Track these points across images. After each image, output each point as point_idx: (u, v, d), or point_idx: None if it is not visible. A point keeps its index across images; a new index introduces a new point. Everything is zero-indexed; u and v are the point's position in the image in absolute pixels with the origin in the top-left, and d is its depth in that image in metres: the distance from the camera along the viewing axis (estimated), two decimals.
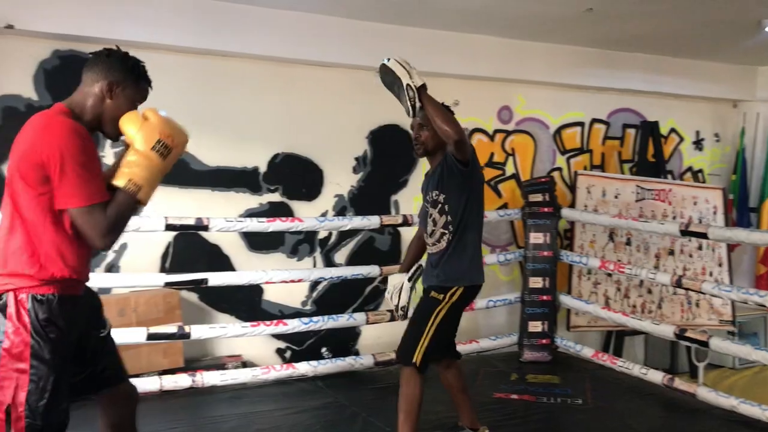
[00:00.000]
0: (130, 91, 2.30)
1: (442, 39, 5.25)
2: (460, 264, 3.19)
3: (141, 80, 2.36)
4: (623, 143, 6.35)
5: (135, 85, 2.32)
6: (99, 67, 2.29)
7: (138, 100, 2.34)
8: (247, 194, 4.88)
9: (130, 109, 2.29)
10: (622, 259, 5.60)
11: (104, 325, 2.38)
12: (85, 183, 2.07)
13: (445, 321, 3.14)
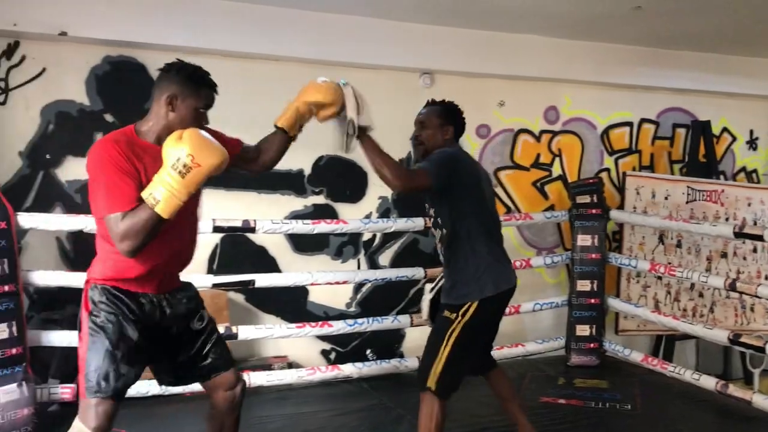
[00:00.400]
0: (191, 101, 2.43)
1: (487, 39, 5.21)
2: (464, 278, 2.88)
3: (201, 87, 2.47)
4: (673, 143, 6.21)
5: (195, 93, 2.44)
6: (161, 83, 2.45)
7: (202, 107, 2.47)
8: (292, 196, 4.93)
9: (195, 117, 2.43)
10: (673, 262, 5.47)
11: (200, 319, 2.62)
12: (105, 195, 2.28)
13: (461, 342, 2.83)
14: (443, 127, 3.08)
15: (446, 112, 3.13)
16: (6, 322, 3.35)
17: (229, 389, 2.63)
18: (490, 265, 2.89)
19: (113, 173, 2.28)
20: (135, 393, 3.72)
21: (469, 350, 2.89)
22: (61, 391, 3.67)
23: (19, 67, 4.23)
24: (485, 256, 2.89)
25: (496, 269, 2.91)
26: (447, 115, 3.12)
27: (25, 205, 4.22)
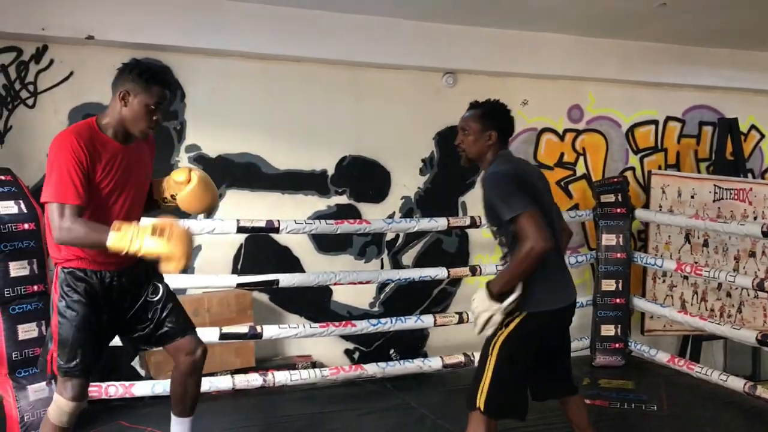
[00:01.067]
0: (142, 97, 2.58)
1: (509, 38, 5.19)
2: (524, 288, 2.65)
3: (151, 85, 2.59)
4: (700, 141, 6.13)
5: (146, 90, 2.58)
6: (117, 80, 2.64)
7: (153, 104, 2.60)
8: (316, 197, 4.95)
9: (145, 113, 2.59)
10: (699, 261, 5.41)
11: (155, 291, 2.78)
12: (56, 183, 2.46)
13: (506, 354, 2.61)
14: (484, 133, 2.83)
15: (486, 115, 2.86)
16: (35, 321, 3.41)
17: (188, 354, 2.80)
18: (544, 280, 2.65)
19: (70, 165, 2.46)
20: (162, 391, 3.78)
21: (517, 365, 2.65)
22: (90, 389, 3.72)
23: (48, 71, 4.30)
24: (540, 271, 2.60)
25: (550, 286, 2.69)
26: (488, 118, 2.85)
27: None
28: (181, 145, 4.63)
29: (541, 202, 2.71)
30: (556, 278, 2.74)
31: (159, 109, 2.63)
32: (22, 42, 4.23)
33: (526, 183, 2.69)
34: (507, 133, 2.92)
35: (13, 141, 4.24)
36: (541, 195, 2.77)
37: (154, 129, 2.68)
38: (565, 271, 2.83)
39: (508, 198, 2.58)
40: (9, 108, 4.25)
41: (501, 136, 2.87)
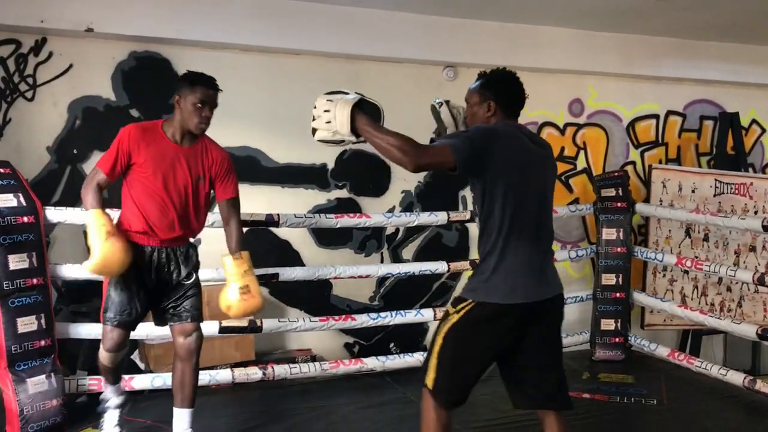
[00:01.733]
0: (189, 98, 3.02)
1: (511, 31, 5.18)
2: (480, 274, 2.51)
3: (195, 85, 3.03)
4: (700, 136, 6.12)
5: (191, 91, 3.02)
6: (175, 90, 3.08)
7: (199, 102, 3.02)
8: (316, 191, 4.94)
9: (196, 112, 3.02)
10: (700, 256, 5.40)
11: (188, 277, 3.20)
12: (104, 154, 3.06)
13: (451, 339, 2.49)
14: (482, 104, 2.62)
15: (485, 84, 2.64)
16: (35, 314, 3.40)
17: (185, 336, 3.14)
18: (504, 272, 2.46)
19: (114, 145, 3.00)
20: (162, 384, 3.78)
21: (462, 353, 2.50)
22: (89, 382, 3.72)
23: (47, 64, 4.29)
24: (499, 261, 2.47)
25: (507, 278, 2.47)
26: (486, 87, 2.63)
27: (53, 199, 4.28)
28: None
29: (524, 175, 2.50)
30: (519, 272, 2.48)
31: (206, 106, 3.04)
32: (21, 34, 4.21)
33: (505, 144, 2.46)
34: (511, 104, 2.65)
35: (12, 134, 4.23)
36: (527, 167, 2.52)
37: (206, 124, 3.09)
38: (535, 267, 2.53)
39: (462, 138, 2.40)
40: (8, 101, 4.24)
41: (502, 107, 2.61)
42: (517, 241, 2.47)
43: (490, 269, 2.47)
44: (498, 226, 2.47)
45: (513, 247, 2.47)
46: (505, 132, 2.52)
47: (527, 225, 2.51)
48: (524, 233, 2.49)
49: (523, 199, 2.50)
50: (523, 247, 2.49)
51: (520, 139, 2.56)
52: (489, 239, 2.49)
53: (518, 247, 2.47)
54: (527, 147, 2.56)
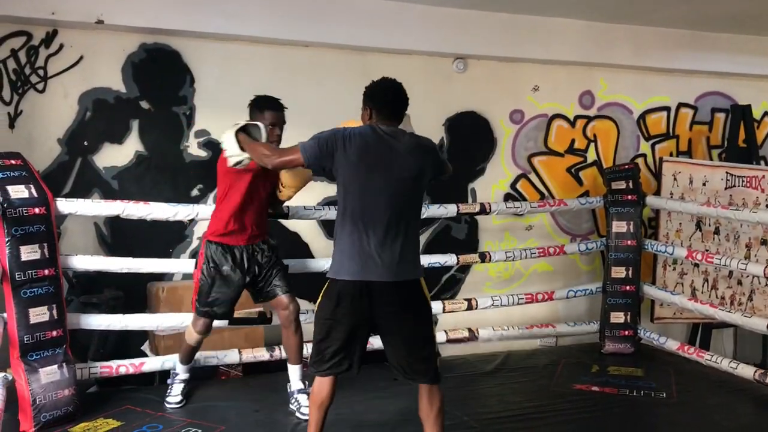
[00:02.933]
0: (263, 120, 3.37)
1: (521, 23, 5.15)
2: (333, 256, 2.91)
3: (264, 110, 3.46)
4: (712, 128, 6.09)
5: (261, 115, 3.44)
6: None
7: (270, 124, 3.41)
8: (325, 183, 4.93)
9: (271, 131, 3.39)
10: (711, 249, 5.38)
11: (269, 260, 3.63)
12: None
13: (316, 314, 2.93)
14: (363, 113, 3.02)
15: (364, 96, 3.03)
16: (46, 305, 3.42)
17: (284, 309, 3.60)
18: (342, 252, 2.84)
19: None
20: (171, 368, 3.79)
21: (319, 324, 2.89)
22: (101, 371, 3.75)
23: (57, 56, 4.31)
24: (344, 243, 2.83)
25: (344, 258, 2.82)
26: (364, 98, 3.03)
27: (64, 191, 4.30)
28: (191, 131, 4.63)
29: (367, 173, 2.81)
30: (355, 252, 2.79)
31: (275, 127, 3.44)
32: (32, 26, 4.23)
33: (350, 144, 2.83)
34: (384, 110, 2.97)
35: (24, 126, 4.26)
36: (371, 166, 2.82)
37: (278, 142, 3.44)
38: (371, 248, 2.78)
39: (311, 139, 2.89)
40: (19, 93, 4.26)
41: (377, 113, 2.95)
42: (354, 230, 2.80)
43: (340, 250, 2.85)
44: (341, 213, 2.87)
45: (348, 232, 2.82)
46: (355, 133, 2.87)
47: (368, 217, 2.80)
48: (359, 224, 2.80)
49: (369, 193, 2.82)
50: (360, 236, 2.80)
51: (372, 140, 2.87)
52: (337, 226, 2.90)
53: (355, 235, 2.80)
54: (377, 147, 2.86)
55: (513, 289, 5.22)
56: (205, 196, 4.66)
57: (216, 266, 3.51)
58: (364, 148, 2.84)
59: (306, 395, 3.52)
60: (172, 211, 3.83)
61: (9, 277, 3.31)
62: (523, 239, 5.46)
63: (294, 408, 3.62)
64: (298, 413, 3.58)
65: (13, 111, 4.24)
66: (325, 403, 2.93)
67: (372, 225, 2.80)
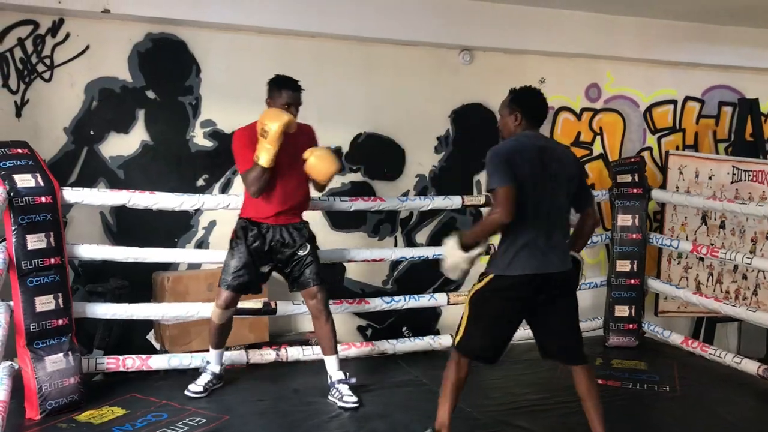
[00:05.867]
0: (279, 100, 3.54)
1: (527, 15, 5.13)
2: (496, 255, 3.07)
3: (282, 89, 3.54)
4: (719, 122, 6.06)
5: (279, 95, 3.55)
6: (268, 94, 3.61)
7: (287, 103, 3.53)
8: None
9: (284, 110, 3.46)
10: (716, 243, 5.37)
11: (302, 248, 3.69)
12: (237, 161, 3.62)
13: (474, 305, 3.03)
14: (511, 115, 3.11)
15: (511, 99, 3.13)
16: (52, 293, 3.43)
17: (312, 298, 3.69)
18: (519, 249, 2.95)
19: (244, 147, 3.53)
20: (178, 365, 3.82)
21: (483, 316, 3.02)
22: (107, 361, 3.77)
23: (64, 45, 4.31)
24: (517, 240, 2.96)
25: (518, 257, 2.95)
26: (512, 101, 3.13)
27: (70, 180, 4.31)
28: (197, 121, 4.63)
29: (532, 182, 2.94)
30: (528, 251, 2.95)
31: (291, 107, 3.52)
32: (39, 15, 4.23)
33: (518, 159, 2.95)
34: (534, 114, 3.12)
35: (30, 115, 4.26)
36: (533, 176, 2.95)
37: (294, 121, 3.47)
38: (542, 246, 2.98)
39: (492, 172, 2.93)
40: (26, 82, 4.26)
41: (526, 116, 3.08)
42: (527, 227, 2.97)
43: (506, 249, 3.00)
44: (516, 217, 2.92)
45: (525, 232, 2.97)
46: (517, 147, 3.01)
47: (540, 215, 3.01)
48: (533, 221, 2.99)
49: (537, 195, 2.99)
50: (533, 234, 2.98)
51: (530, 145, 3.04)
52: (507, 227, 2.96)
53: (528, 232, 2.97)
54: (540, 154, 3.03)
55: None
56: (211, 186, 4.66)
57: (238, 239, 3.63)
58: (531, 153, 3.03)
59: (347, 385, 3.68)
60: (178, 201, 3.85)
61: (15, 266, 3.32)
62: None
63: (335, 399, 3.66)
64: (340, 402, 3.63)
65: (19, 100, 4.25)
66: (462, 385, 3.10)
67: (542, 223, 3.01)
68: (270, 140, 3.36)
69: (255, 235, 3.62)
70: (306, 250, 3.71)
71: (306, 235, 3.74)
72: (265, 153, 3.38)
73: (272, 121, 3.36)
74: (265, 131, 3.36)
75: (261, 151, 3.39)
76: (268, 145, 3.37)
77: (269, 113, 3.42)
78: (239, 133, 3.63)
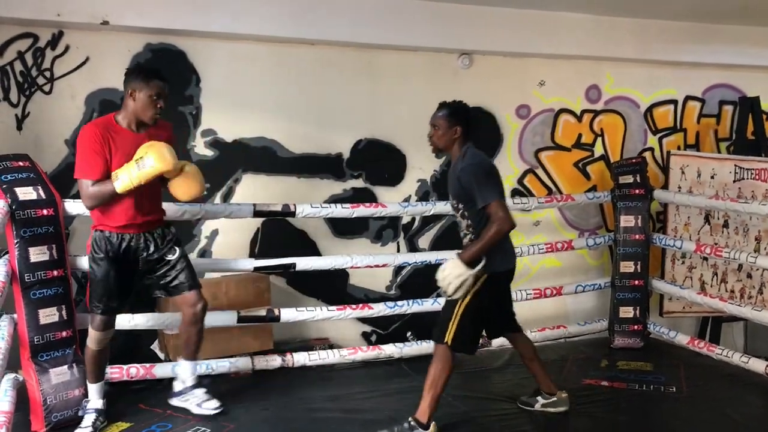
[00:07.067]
0: (145, 91, 3.23)
1: (527, 18, 5.13)
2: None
3: (150, 80, 3.24)
4: (720, 121, 6.05)
5: (146, 85, 3.23)
6: (126, 82, 3.29)
7: (155, 95, 3.24)
8: (332, 180, 4.94)
9: (151, 103, 3.24)
10: (719, 242, 5.35)
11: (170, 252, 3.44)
12: (80, 163, 3.21)
13: (471, 307, 3.26)
14: (451, 129, 3.41)
15: (454, 113, 3.44)
16: (56, 306, 3.43)
17: (191, 306, 3.45)
18: (501, 249, 3.31)
19: (91, 149, 3.18)
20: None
21: (477, 314, 3.30)
22: (111, 371, 3.77)
23: (63, 57, 4.32)
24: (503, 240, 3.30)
25: (504, 253, 3.35)
26: (455, 116, 3.42)
27: (71, 192, 4.31)
28: (197, 130, 4.64)
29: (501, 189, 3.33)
30: (507, 247, 3.41)
31: (161, 98, 3.26)
32: (38, 28, 4.24)
33: (495, 174, 3.34)
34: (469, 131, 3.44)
35: (31, 127, 4.27)
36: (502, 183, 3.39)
37: (160, 115, 3.31)
38: (510, 244, 3.47)
39: (483, 187, 3.21)
40: (26, 94, 4.27)
41: (464, 132, 3.41)
42: None
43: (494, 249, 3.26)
44: None
45: None
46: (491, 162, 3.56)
47: None
48: None
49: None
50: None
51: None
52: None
53: None
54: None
55: (521, 285, 5.21)
56: (212, 195, 4.66)
57: (97, 255, 3.30)
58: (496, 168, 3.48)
59: (203, 389, 3.56)
60: (180, 211, 3.85)
61: (18, 279, 3.32)
62: (530, 235, 5.45)
63: (192, 403, 3.53)
64: (199, 409, 3.52)
65: (20, 112, 4.26)
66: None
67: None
68: (142, 175, 3.11)
69: (116, 246, 3.31)
70: (175, 254, 3.46)
71: (172, 239, 3.49)
72: (128, 182, 3.12)
73: (159, 160, 3.11)
74: (144, 164, 3.10)
75: (125, 176, 3.12)
76: (136, 178, 3.11)
77: (160, 149, 3.13)
78: (90, 133, 3.21)
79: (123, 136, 3.25)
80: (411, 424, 3.24)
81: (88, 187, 3.18)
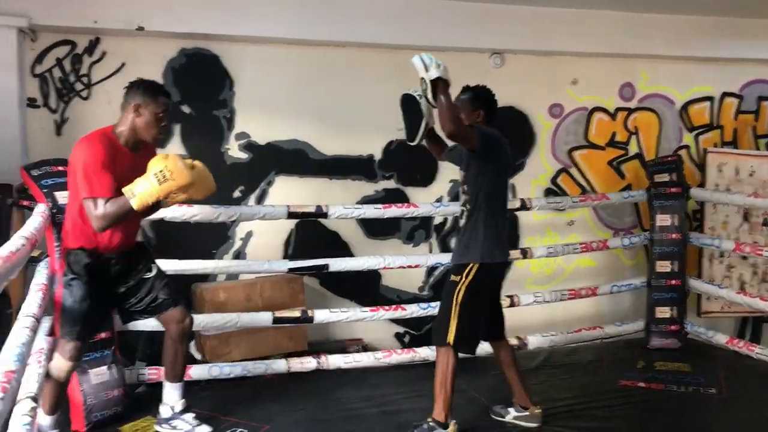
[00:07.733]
0: (152, 107, 2.99)
1: (558, 16, 5.09)
2: (474, 241, 3.25)
3: (158, 96, 3.03)
4: (758, 117, 5.93)
5: (154, 101, 3.00)
6: (128, 95, 3.03)
7: (161, 112, 3.02)
8: (363, 182, 4.96)
9: (156, 121, 3.02)
10: (759, 241, 5.25)
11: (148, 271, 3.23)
12: (89, 180, 2.85)
13: (467, 301, 3.21)
14: (474, 112, 3.41)
15: (476, 97, 3.48)
16: None
17: (178, 323, 3.25)
18: (497, 237, 3.27)
19: (100, 165, 2.86)
20: (218, 374, 3.86)
21: (477, 309, 3.26)
22: (149, 372, 3.82)
23: (100, 63, 4.40)
24: (494, 228, 3.26)
25: (497, 242, 3.27)
26: (479, 99, 3.46)
27: None
28: (231, 133, 4.69)
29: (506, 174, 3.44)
30: (503, 239, 3.33)
31: (165, 116, 3.07)
32: (76, 35, 4.33)
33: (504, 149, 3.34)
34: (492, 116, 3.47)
35: (70, 132, 4.36)
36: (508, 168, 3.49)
37: (163, 134, 3.21)
38: (505, 236, 3.40)
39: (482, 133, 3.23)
40: (65, 101, 4.37)
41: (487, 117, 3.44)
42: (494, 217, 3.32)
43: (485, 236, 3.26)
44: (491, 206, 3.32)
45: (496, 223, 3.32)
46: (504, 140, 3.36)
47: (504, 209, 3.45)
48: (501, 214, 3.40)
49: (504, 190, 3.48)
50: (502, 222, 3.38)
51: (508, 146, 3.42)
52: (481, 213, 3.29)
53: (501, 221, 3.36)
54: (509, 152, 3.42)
55: (555, 285, 5.17)
56: (247, 197, 4.71)
57: (74, 276, 3.00)
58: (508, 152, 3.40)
59: (192, 414, 3.34)
60: (215, 213, 3.89)
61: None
62: (565, 234, 5.40)
63: (183, 430, 3.31)
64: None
65: (59, 118, 4.35)
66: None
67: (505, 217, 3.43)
68: (162, 190, 2.82)
69: (93, 268, 3.02)
70: (153, 271, 3.25)
71: (149, 257, 3.31)
72: (146, 199, 2.82)
73: (180, 175, 2.82)
74: (166, 178, 2.80)
75: (142, 192, 2.81)
76: (155, 194, 2.81)
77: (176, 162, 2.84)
78: (98, 147, 2.89)
79: (122, 153, 2.99)
80: (430, 425, 3.26)
81: (102, 206, 2.84)
